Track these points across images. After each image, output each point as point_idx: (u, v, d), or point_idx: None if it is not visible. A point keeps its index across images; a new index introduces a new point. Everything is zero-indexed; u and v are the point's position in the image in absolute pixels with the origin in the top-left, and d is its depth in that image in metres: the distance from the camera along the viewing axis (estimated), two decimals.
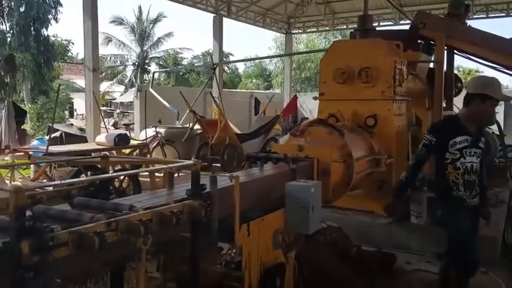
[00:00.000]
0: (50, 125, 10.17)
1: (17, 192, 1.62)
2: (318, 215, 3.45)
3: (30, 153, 8.31)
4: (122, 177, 6.94)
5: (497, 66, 8.12)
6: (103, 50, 36.22)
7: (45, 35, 26.74)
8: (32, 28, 25.72)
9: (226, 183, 3.08)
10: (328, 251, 4.65)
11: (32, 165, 9.13)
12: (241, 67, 49.71)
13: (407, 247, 5.66)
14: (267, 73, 45.52)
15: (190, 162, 2.65)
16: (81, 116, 24.54)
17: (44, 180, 8.39)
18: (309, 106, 20.71)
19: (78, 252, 1.78)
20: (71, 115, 30.80)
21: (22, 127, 9.77)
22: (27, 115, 20.59)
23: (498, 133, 9.95)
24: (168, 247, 2.53)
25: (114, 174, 3.08)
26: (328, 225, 5.15)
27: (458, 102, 10.98)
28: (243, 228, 2.98)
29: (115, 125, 20.27)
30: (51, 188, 2.74)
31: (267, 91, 31.06)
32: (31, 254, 1.59)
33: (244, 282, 3.02)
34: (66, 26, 49.79)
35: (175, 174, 4.67)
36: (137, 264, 2.11)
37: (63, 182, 2.74)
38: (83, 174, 6.85)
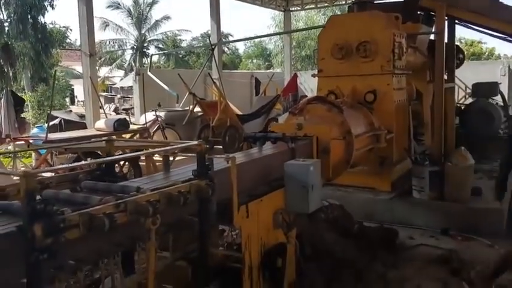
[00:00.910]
0: (49, 112, 10.11)
1: (26, 176, 1.66)
2: (317, 194, 3.41)
3: (31, 141, 8.29)
4: (122, 162, 6.93)
5: (504, 36, 7.95)
6: (101, 35, 35.96)
7: (43, 22, 26.53)
8: (29, 16, 25.46)
9: (223, 165, 3.04)
10: (329, 228, 4.63)
11: (33, 154, 9.13)
12: (241, 48, 49.27)
13: (410, 222, 5.64)
14: (268, 53, 45.09)
15: (195, 142, 2.66)
16: (82, 103, 24.46)
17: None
18: (310, 85, 20.52)
19: (89, 233, 1.83)
20: (72, 102, 30.76)
21: (21, 115, 9.73)
22: (28, 103, 20.57)
23: (502, 104, 9.86)
24: (177, 226, 2.57)
25: (121, 156, 3.10)
26: (330, 203, 5.13)
27: (459, 74, 10.93)
28: (242, 209, 2.95)
29: (116, 111, 20.21)
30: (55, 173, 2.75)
31: (268, 71, 30.81)
32: (44, 236, 1.65)
33: (245, 264, 3.01)
34: (63, 13, 49.35)
35: (171, 158, 4.64)
36: (147, 244, 2.15)
37: (70, 165, 2.75)
38: (83, 161, 6.83)
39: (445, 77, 7.36)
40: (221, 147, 10.73)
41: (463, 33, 35.18)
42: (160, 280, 3.10)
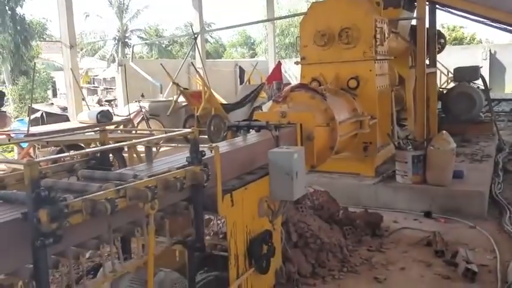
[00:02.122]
0: (30, 105, 9.93)
1: (30, 165, 1.72)
2: (302, 181, 3.42)
3: (12, 135, 8.15)
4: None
5: (484, 20, 8.02)
6: (81, 26, 35.31)
7: (21, 14, 25.94)
8: (7, 7, 24.86)
9: (207, 154, 3.03)
10: (315, 214, 4.67)
11: (15, 148, 8.98)
12: (224, 37, 48.86)
13: (394, 206, 5.72)
14: (252, 41, 44.82)
15: (189, 130, 2.73)
16: (64, 95, 24.08)
17: None
18: (294, 72, 20.52)
19: (92, 218, 1.89)
20: (54, 94, 30.25)
21: (1, 109, 9.54)
22: (9, 97, 20.18)
23: (483, 88, 9.99)
24: (172, 212, 2.60)
25: (119, 144, 3.09)
26: (315, 189, 5.17)
27: (441, 59, 11.03)
28: (226, 198, 2.94)
29: (99, 102, 19.91)
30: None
31: (252, 59, 30.65)
32: (49, 222, 1.69)
33: (231, 252, 3.02)
34: (42, 4, 48.24)
35: (154, 149, 4.60)
36: (147, 227, 2.23)
37: (67, 154, 2.74)
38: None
39: (427, 62, 7.43)
40: (206, 137, 10.69)
41: (445, 19, 35.36)
42: (157, 264, 3.14)
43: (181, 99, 11.88)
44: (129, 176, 2.26)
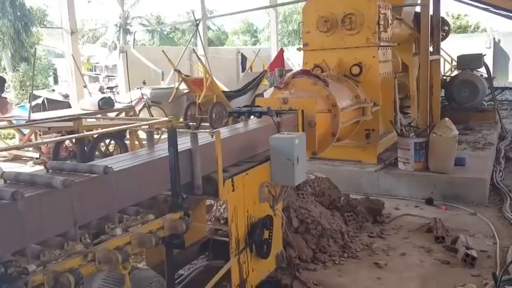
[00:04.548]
0: (31, 92, 9.90)
1: None
2: (303, 167, 3.41)
3: (13, 121, 8.15)
4: (107, 141, 6.86)
5: (488, 7, 7.92)
6: (83, 13, 35.06)
7: None
8: None
9: (208, 140, 3.03)
10: (316, 201, 4.68)
11: (16, 134, 8.99)
12: (227, 24, 48.53)
13: (396, 193, 5.72)
14: (254, 28, 44.51)
15: (166, 118, 2.58)
16: (66, 82, 24.03)
17: (30, 148, 8.29)
18: (297, 60, 20.39)
19: None
20: (55, 81, 30.18)
21: (2, 95, 9.53)
22: (10, 84, 20.14)
23: (486, 76, 9.92)
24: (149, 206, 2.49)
25: (82, 134, 2.99)
26: (316, 176, 5.17)
27: (445, 46, 10.94)
28: (227, 183, 2.94)
29: (101, 90, 19.87)
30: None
31: (254, 47, 30.47)
32: None
33: (232, 236, 3.02)
34: None
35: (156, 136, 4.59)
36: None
37: (27, 144, 2.68)
38: (68, 140, 6.76)
39: (431, 49, 7.37)
40: (208, 124, 10.69)
41: (450, 6, 34.99)
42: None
43: (183, 86, 11.85)
44: (100, 168, 2.09)
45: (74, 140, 6.91)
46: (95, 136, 6.41)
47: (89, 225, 2.12)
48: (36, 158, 8.00)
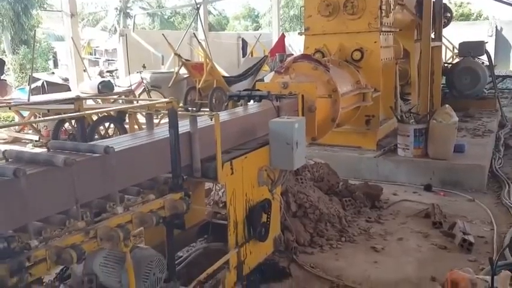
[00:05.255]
0: (31, 74, 9.87)
1: None
2: (302, 151, 3.41)
3: (13, 104, 8.12)
4: (107, 124, 6.85)
5: None
6: None
7: None
8: None
9: (207, 123, 3.02)
10: (315, 186, 4.70)
11: (16, 117, 8.97)
12: (228, 9, 48.09)
13: (395, 179, 5.73)
14: (255, 13, 44.13)
15: (166, 99, 2.55)
16: (65, 66, 23.90)
17: (30, 131, 8.29)
18: (298, 45, 20.25)
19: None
20: (55, 65, 30.03)
21: (2, 78, 9.49)
22: (10, 67, 20.04)
23: (488, 63, 9.87)
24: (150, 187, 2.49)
25: (84, 113, 2.97)
26: (315, 161, 5.18)
27: (447, 34, 10.86)
28: (226, 166, 2.94)
29: (101, 74, 19.79)
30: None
31: (256, 32, 30.25)
32: (9, 276, 1.61)
33: (230, 219, 3.04)
34: None
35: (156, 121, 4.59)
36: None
37: (28, 121, 2.66)
38: (67, 123, 6.75)
39: (433, 36, 7.32)
40: (208, 109, 10.66)
41: None
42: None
43: (183, 71, 11.80)
44: (101, 148, 2.10)
45: (73, 123, 6.92)
46: (95, 119, 6.40)
47: (90, 204, 2.13)
48: (36, 141, 8.01)
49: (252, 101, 4.00)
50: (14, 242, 1.65)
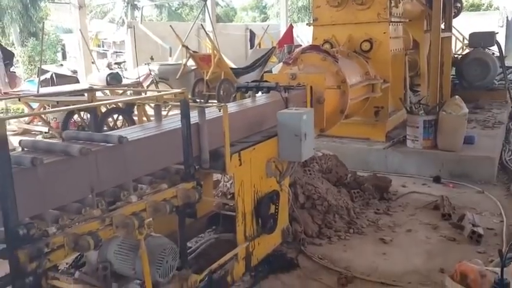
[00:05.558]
0: (40, 66, 9.90)
1: None
2: (310, 143, 3.41)
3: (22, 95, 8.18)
4: (115, 116, 6.88)
5: None
6: None
7: None
8: None
9: (215, 114, 3.02)
10: (323, 177, 4.69)
11: (25, 108, 9.03)
12: (235, 0, 47.86)
13: (404, 171, 5.71)
14: (263, 4, 43.86)
15: (178, 90, 2.57)
16: (74, 58, 23.97)
17: (39, 123, 8.35)
18: (307, 37, 20.12)
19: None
20: (64, 57, 30.15)
21: (11, 70, 9.54)
22: (19, 59, 20.15)
23: (498, 54, 9.74)
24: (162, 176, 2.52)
25: (96, 103, 2.99)
26: (324, 153, 5.16)
27: (458, 25, 10.72)
28: (234, 157, 2.95)
29: (109, 66, 19.84)
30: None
31: (263, 23, 30.10)
32: (28, 262, 1.67)
33: (238, 210, 3.05)
34: None
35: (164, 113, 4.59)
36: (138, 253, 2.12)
37: (47, 111, 2.69)
38: (76, 115, 6.79)
39: (442, 26, 7.23)
40: (215, 101, 10.66)
41: None
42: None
43: (191, 62, 11.79)
44: (115, 138, 2.15)
45: (82, 115, 6.95)
46: (103, 111, 6.43)
47: (104, 193, 2.16)
48: (45, 132, 8.06)
49: (260, 93, 3.99)
50: (33, 229, 1.69)
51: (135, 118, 7.19)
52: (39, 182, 1.80)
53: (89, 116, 6.84)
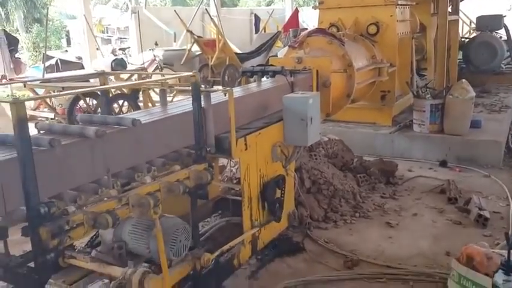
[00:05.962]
0: (44, 52, 9.89)
1: (16, 103, 1.67)
2: (316, 127, 3.40)
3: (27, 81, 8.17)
4: (121, 102, 6.88)
5: None
6: None
7: None
8: None
9: (221, 99, 3.01)
10: (329, 162, 4.68)
11: (31, 95, 9.05)
12: None
13: (410, 155, 5.69)
14: None
15: (189, 73, 2.59)
16: (78, 44, 23.91)
17: (45, 109, 8.37)
18: (312, 21, 19.92)
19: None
20: (68, 43, 30.08)
21: (16, 56, 9.54)
22: (23, 45, 20.12)
23: (506, 38, 9.61)
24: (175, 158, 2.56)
25: (107, 86, 3.02)
26: (330, 138, 5.15)
27: (464, 8, 10.55)
28: (240, 142, 2.95)
29: (113, 52, 19.78)
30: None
31: (268, 7, 29.81)
32: (50, 239, 1.74)
33: (244, 194, 3.05)
34: None
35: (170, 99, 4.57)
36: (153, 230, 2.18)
37: (52, 94, 2.75)
38: (81, 101, 6.79)
39: (450, 9, 7.13)
40: (220, 86, 10.62)
41: None
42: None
43: (196, 48, 11.72)
44: (128, 121, 2.20)
45: (88, 101, 6.96)
46: (109, 96, 6.42)
47: (118, 175, 2.22)
48: (51, 119, 8.09)
49: (265, 77, 3.97)
50: (53, 208, 1.77)
51: (140, 104, 7.21)
52: (58, 162, 1.87)
53: (94, 102, 6.85)
